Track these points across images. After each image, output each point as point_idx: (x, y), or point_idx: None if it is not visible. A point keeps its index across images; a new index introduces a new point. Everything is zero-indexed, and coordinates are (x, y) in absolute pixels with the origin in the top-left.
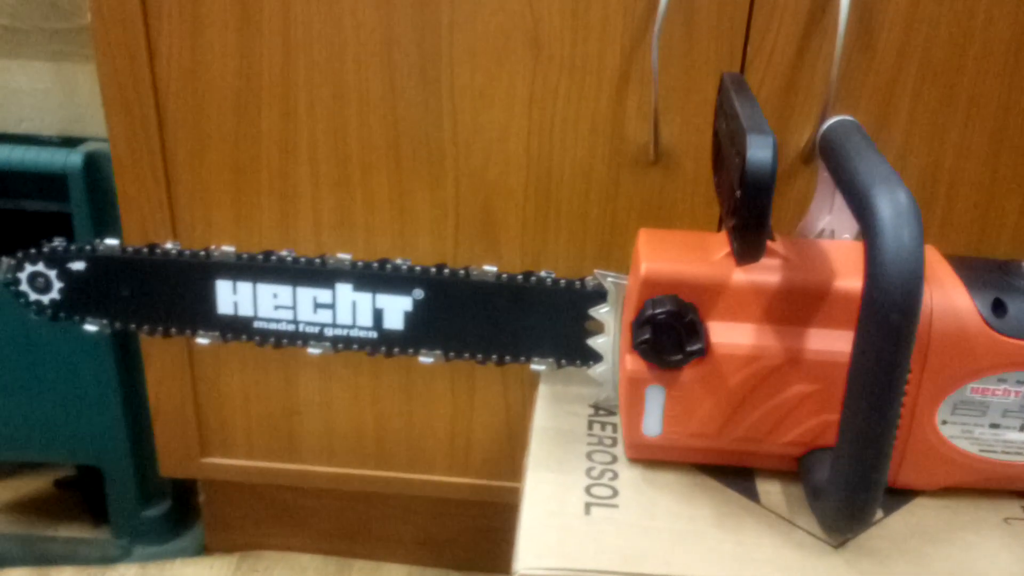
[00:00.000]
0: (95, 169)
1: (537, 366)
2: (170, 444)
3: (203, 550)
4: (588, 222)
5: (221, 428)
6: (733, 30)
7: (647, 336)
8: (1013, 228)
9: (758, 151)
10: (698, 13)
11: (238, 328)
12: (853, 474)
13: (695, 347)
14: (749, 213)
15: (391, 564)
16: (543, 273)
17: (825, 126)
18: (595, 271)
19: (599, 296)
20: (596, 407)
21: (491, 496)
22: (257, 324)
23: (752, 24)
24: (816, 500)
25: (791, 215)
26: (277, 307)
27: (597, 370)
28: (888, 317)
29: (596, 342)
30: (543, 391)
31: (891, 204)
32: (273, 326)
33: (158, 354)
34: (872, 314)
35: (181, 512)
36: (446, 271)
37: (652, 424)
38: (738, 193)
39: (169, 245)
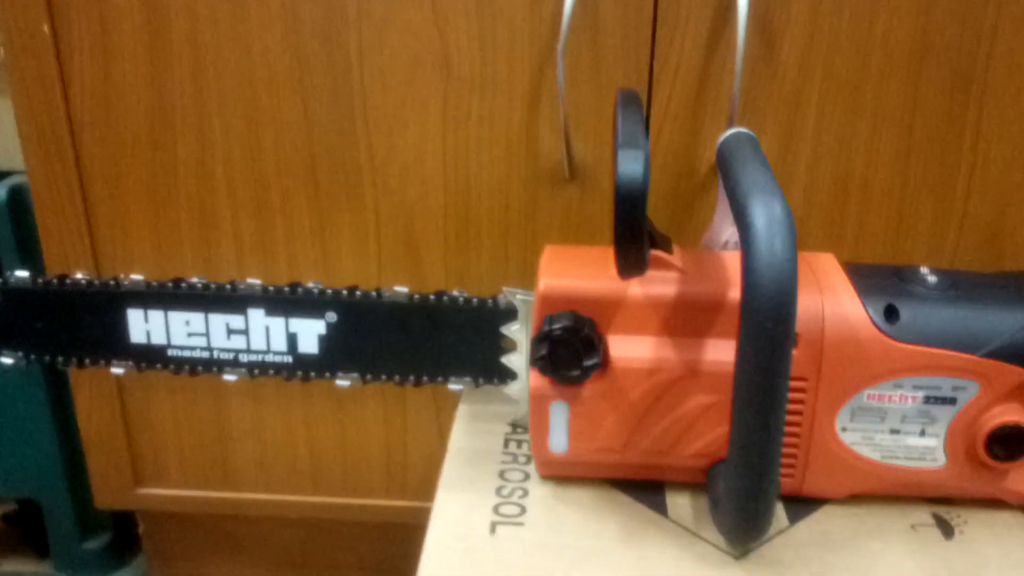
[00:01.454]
0: (19, 202)
1: (455, 386)
2: (104, 475)
3: None
4: (509, 240)
5: (154, 458)
6: (638, 47)
7: (544, 352)
8: (927, 234)
9: (628, 165)
10: (603, 31)
11: (152, 357)
12: (742, 484)
13: (591, 361)
14: (623, 227)
15: None
16: (455, 292)
17: (720, 139)
18: (503, 289)
19: (511, 314)
20: (514, 425)
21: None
22: (171, 352)
23: (656, 41)
24: (715, 511)
25: (704, 227)
26: (190, 334)
27: (513, 388)
28: (762, 325)
29: (510, 360)
30: (462, 411)
31: (765, 214)
32: (187, 353)
33: (86, 385)
34: (748, 323)
35: (122, 544)
36: (358, 293)
37: (558, 440)
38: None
39: (79, 275)
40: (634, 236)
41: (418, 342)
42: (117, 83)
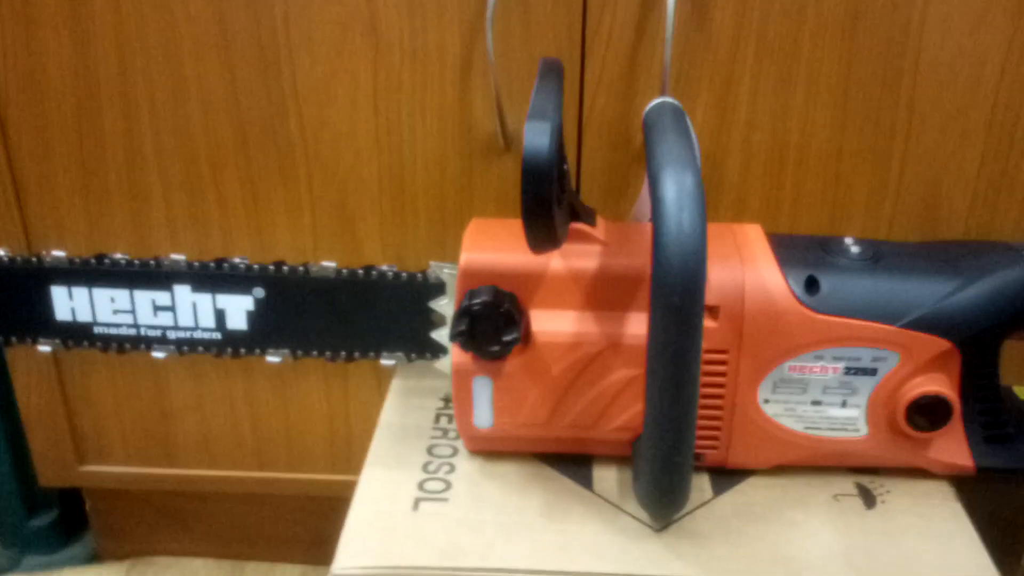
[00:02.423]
0: None
1: (387, 361)
2: (46, 453)
3: (94, 558)
4: (446, 212)
5: (96, 435)
6: (570, 15)
7: (464, 327)
8: (864, 202)
9: (534, 137)
10: None
11: (78, 334)
12: (656, 458)
13: (511, 337)
14: (530, 201)
15: (285, 565)
16: (384, 267)
17: (646, 109)
18: (431, 263)
19: (440, 288)
20: (447, 400)
21: None
22: (97, 329)
23: (588, 8)
24: (635, 485)
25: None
26: (116, 311)
27: (443, 363)
28: (670, 299)
29: (440, 334)
30: (395, 386)
31: (675, 187)
32: (114, 331)
33: (22, 363)
34: (657, 297)
35: (70, 521)
36: (285, 268)
37: (483, 415)
38: None
39: (1, 252)
40: (541, 211)
41: (348, 317)
42: (40, 53)
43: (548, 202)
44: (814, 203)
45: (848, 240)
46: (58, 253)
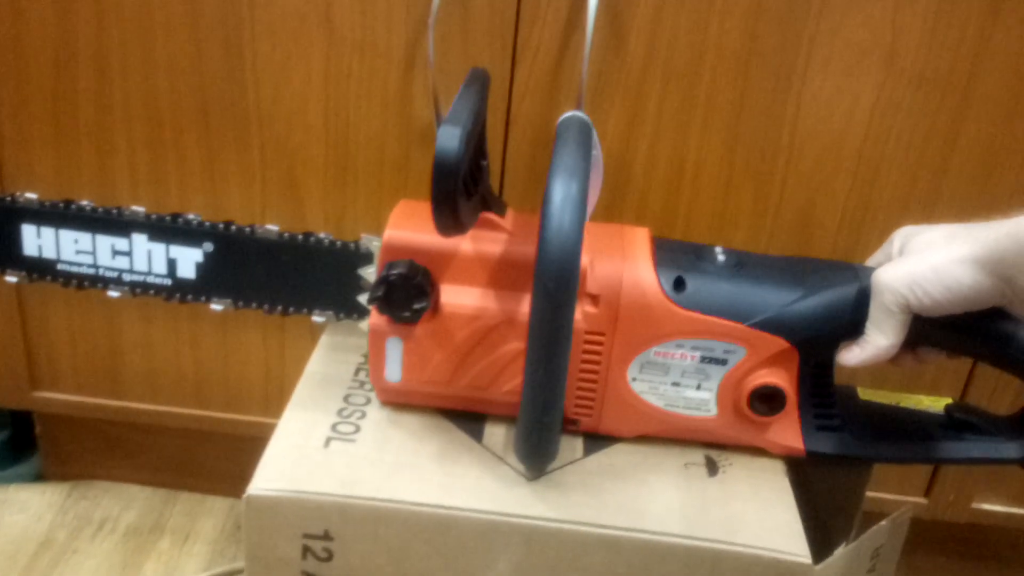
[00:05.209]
0: None
1: (318, 318)
2: (2, 376)
3: (39, 478)
4: (383, 190)
5: (50, 364)
6: (503, 26)
7: (380, 293)
8: (748, 216)
9: (444, 140)
10: (472, 10)
11: (43, 269)
12: (528, 417)
13: (420, 305)
14: (439, 194)
15: (215, 497)
16: (321, 234)
17: (558, 120)
18: (362, 235)
19: (369, 258)
20: (367, 356)
21: None
22: (60, 267)
23: (520, 24)
24: (514, 440)
25: None
26: (78, 252)
27: (366, 323)
28: (547, 285)
29: (364, 298)
30: (324, 340)
31: (562, 192)
32: (75, 269)
33: None
34: (536, 284)
35: (20, 442)
36: (233, 227)
37: (393, 371)
38: None
39: None
40: (448, 202)
41: (286, 276)
42: (24, 16)
43: (454, 195)
44: (705, 212)
45: (718, 249)
46: (30, 195)
